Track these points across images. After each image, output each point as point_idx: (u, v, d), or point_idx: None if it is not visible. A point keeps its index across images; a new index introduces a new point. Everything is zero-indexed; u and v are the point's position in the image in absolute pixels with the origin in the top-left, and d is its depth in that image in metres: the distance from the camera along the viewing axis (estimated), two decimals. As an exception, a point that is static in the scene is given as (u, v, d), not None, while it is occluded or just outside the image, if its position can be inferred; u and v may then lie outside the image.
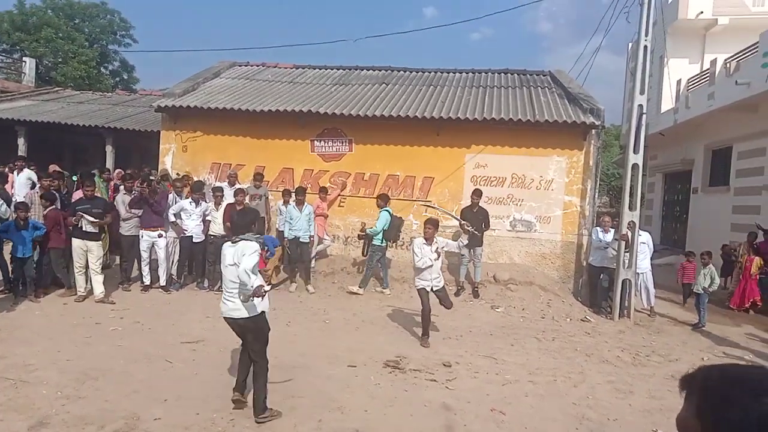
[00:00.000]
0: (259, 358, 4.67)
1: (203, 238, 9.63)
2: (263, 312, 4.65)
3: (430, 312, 7.29)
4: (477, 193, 10.13)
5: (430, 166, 11.00)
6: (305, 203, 9.99)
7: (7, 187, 9.47)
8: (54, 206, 8.34)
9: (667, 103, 17.19)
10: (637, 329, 8.83)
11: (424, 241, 7.27)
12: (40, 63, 24.70)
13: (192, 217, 9.46)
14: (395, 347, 6.96)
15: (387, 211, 9.86)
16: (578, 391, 5.81)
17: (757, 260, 10.22)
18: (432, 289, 7.31)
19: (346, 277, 10.46)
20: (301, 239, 9.87)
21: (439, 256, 7.26)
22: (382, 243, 9.88)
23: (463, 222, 8.16)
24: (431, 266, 7.17)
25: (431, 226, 7.29)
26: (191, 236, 9.48)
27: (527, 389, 5.78)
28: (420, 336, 7.35)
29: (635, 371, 6.63)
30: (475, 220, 9.38)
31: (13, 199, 9.07)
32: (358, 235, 10.24)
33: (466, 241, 7.98)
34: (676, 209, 18.26)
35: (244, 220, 4.83)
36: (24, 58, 21.50)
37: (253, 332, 4.66)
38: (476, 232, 8.73)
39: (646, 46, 9.49)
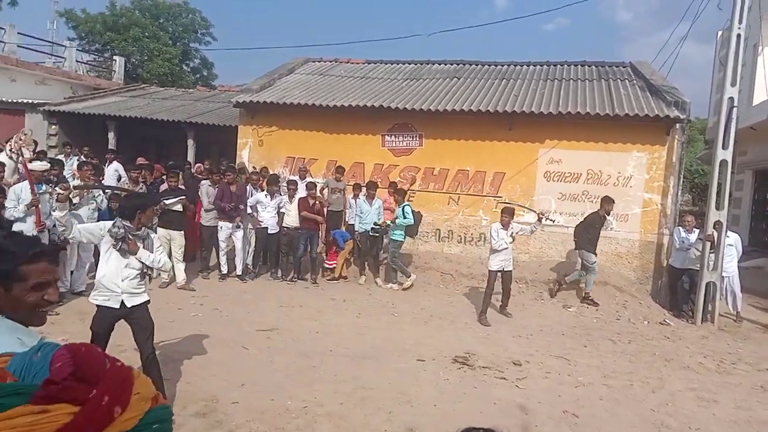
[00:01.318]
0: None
1: (278, 229, 9.92)
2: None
3: (492, 291, 8.23)
4: (608, 201, 9.53)
5: (502, 161, 10.81)
6: (375, 197, 10.10)
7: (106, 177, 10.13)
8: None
9: (761, 95, 16.01)
10: (722, 335, 8.34)
11: (501, 227, 8.15)
12: (128, 61, 26.18)
13: (267, 210, 9.77)
14: (464, 343, 6.93)
15: (408, 205, 9.77)
16: (657, 398, 5.57)
17: None
18: (504, 270, 8.26)
19: (414, 271, 10.48)
20: (370, 233, 10.00)
21: (513, 240, 8.27)
22: (403, 238, 9.80)
23: (538, 211, 8.68)
24: (506, 249, 8.14)
25: (507, 215, 8.21)
26: (266, 228, 9.79)
27: (602, 393, 5.60)
28: (486, 332, 7.28)
29: (720, 379, 6.28)
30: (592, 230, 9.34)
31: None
32: (372, 228, 10.11)
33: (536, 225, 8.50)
34: (767, 209, 17.04)
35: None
36: (114, 57, 22.84)
37: None
38: (551, 220, 8.93)
39: (739, 35, 8.89)
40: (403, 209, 9.60)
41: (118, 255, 4.35)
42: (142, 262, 4.44)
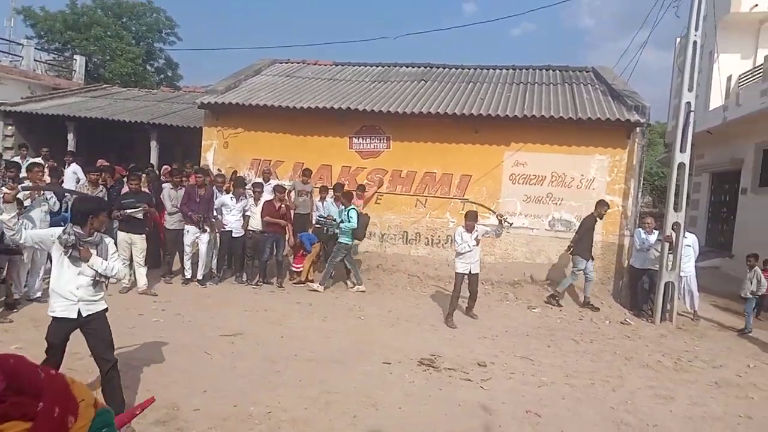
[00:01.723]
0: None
1: (242, 233, 9.80)
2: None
3: (459, 294, 8.27)
4: (602, 204, 9.71)
5: (468, 163, 10.91)
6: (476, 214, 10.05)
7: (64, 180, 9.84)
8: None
9: (716, 100, 16.57)
10: (680, 333, 8.58)
11: (465, 230, 8.21)
12: (89, 60, 25.54)
13: (232, 213, 9.64)
14: (430, 345, 6.96)
15: (354, 209, 9.74)
16: (617, 396, 5.69)
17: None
18: (470, 272, 8.29)
19: (381, 273, 10.50)
20: (315, 224, 9.98)
21: (478, 243, 8.22)
22: (350, 241, 9.77)
23: (499, 214, 8.77)
24: (471, 251, 8.15)
25: (471, 219, 8.22)
26: (230, 231, 9.65)
27: (564, 392, 5.69)
28: (451, 335, 7.32)
29: (677, 377, 6.45)
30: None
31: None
32: (317, 220, 10.14)
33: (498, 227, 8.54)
34: (723, 210, 17.59)
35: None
36: (74, 56, 22.24)
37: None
38: (508, 223, 8.87)
39: (695, 41, 9.18)
40: (348, 213, 9.56)
41: (69, 262, 4.17)
42: (95, 270, 4.25)
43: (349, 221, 9.48)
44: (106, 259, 4.30)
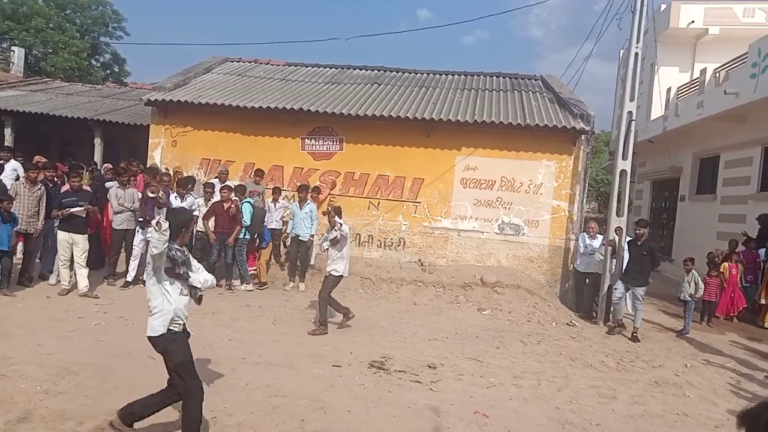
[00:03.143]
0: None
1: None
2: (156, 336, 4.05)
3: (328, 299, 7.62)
4: (641, 224, 9.31)
5: (421, 167, 11.00)
6: (307, 201, 9.97)
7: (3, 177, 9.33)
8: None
9: (657, 110, 17.34)
10: (622, 335, 8.87)
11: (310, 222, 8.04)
12: (29, 53, 24.46)
13: None
14: (380, 347, 6.95)
15: (248, 202, 9.74)
16: (562, 396, 5.83)
17: (740, 268, 10.34)
18: (329, 273, 7.65)
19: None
20: (300, 237, 9.85)
21: (333, 244, 7.50)
22: (246, 236, 9.73)
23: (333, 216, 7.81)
24: (326, 250, 7.68)
25: (336, 215, 7.64)
26: None
27: (511, 392, 5.79)
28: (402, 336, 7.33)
29: (619, 376, 6.67)
30: (637, 255, 8.80)
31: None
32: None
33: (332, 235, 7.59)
34: (663, 216, 18.40)
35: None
36: (13, 48, 21.22)
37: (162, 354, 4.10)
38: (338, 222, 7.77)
39: (637, 54, 9.55)
40: (242, 206, 9.55)
41: (174, 282, 3.97)
42: (194, 285, 4.07)
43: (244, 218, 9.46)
44: (194, 272, 4.09)
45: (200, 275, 4.15)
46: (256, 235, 9.96)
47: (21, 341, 5.94)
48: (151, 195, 8.91)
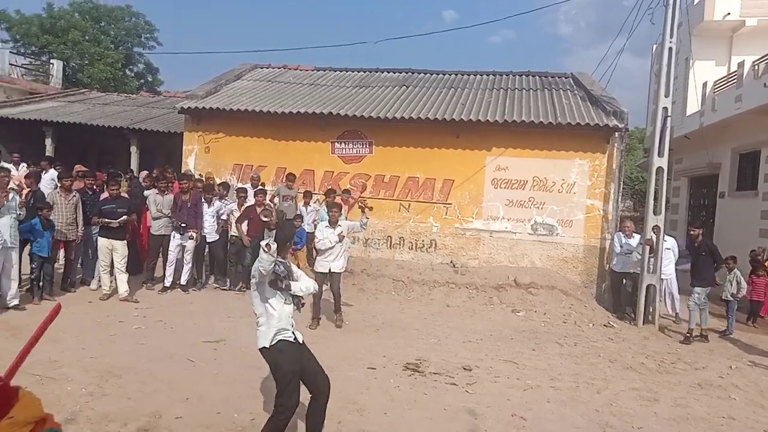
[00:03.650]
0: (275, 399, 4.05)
1: (217, 237, 9.68)
2: (264, 347, 4.00)
3: (321, 295, 7.63)
4: (695, 225, 9.14)
5: (450, 168, 10.96)
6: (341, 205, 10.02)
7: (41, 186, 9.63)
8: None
9: (693, 105, 16.89)
10: (662, 336, 8.67)
11: (327, 225, 7.67)
12: (67, 65, 25.20)
13: (204, 217, 9.51)
14: (415, 350, 6.93)
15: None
16: (601, 398, 5.72)
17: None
18: (329, 271, 7.69)
19: (365, 278, 10.46)
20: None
21: (341, 240, 7.61)
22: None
23: (365, 206, 7.93)
24: (332, 248, 7.58)
25: (337, 210, 7.79)
26: (204, 236, 9.53)
27: (549, 395, 5.71)
28: (437, 338, 7.31)
29: (660, 378, 6.51)
30: (696, 256, 8.61)
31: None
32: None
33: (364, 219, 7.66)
34: (702, 214, 17.91)
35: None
36: (51, 61, 21.91)
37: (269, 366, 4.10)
38: (369, 208, 8.02)
39: (671, 48, 9.34)
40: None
41: (278, 294, 3.98)
42: (296, 294, 4.11)
43: None
44: (296, 281, 4.15)
45: (301, 283, 4.18)
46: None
47: (66, 345, 6.11)
48: (264, 219, 9.22)
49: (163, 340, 6.63)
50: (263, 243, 3.85)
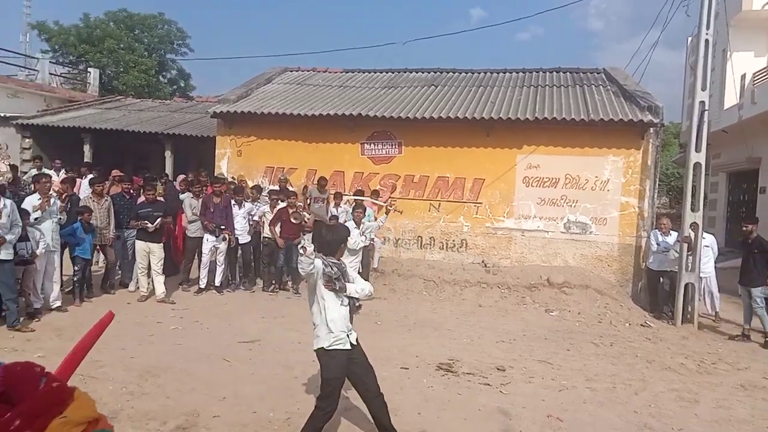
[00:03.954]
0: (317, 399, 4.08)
1: (249, 239, 9.81)
2: (322, 348, 4.00)
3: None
4: (749, 221, 8.68)
5: (481, 167, 10.88)
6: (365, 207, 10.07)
7: (76, 189, 9.92)
8: None
9: (731, 98, 16.39)
10: (702, 335, 8.45)
11: (354, 226, 7.86)
12: (103, 73, 25.87)
13: (236, 219, 9.64)
14: (447, 350, 6.91)
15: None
16: (639, 399, 5.60)
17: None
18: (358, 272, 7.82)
19: (396, 279, 10.46)
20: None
21: (366, 239, 8.03)
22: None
23: (389, 204, 8.66)
24: (359, 249, 7.93)
25: (361, 210, 8.29)
26: (237, 238, 9.66)
27: (585, 396, 5.62)
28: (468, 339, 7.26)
29: (700, 379, 6.34)
30: (748, 254, 8.29)
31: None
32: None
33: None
34: (741, 210, 17.38)
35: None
36: (89, 69, 22.54)
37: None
38: (395, 210, 8.63)
39: (707, 40, 9.09)
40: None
41: (333, 295, 3.99)
42: (352, 296, 4.11)
43: None
44: (351, 282, 4.15)
45: (357, 285, 4.17)
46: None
47: (107, 345, 6.26)
48: (294, 221, 9.39)
49: (200, 340, 6.76)
50: (299, 246, 3.88)
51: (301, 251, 3.80)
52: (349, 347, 4.03)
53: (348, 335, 4.05)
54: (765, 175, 15.27)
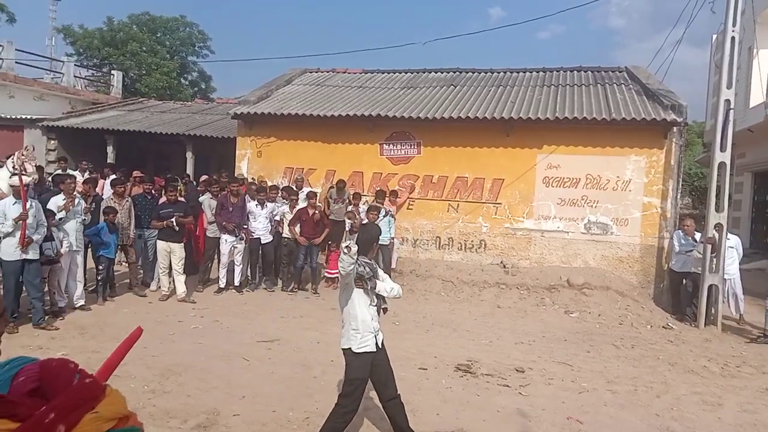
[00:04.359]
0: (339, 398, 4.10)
1: (271, 238, 9.87)
2: (349, 348, 4.02)
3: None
4: None
5: (500, 167, 10.82)
6: (383, 208, 10.09)
7: (98, 189, 10.09)
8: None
9: (757, 97, 16.06)
10: (726, 338, 8.30)
11: None
12: (126, 75, 26.29)
13: (258, 219, 9.72)
14: (466, 350, 6.89)
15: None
16: (661, 402, 5.53)
17: None
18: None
19: (415, 279, 10.46)
20: (381, 242, 10.00)
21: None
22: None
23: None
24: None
25: (375, 212, 8.78)
26: (259, 238, 9.74)
27: (606, 398, 5.56)
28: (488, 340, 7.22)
29: (724, 383, 6.23)
30: None
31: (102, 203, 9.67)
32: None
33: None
34: (767, 211, 17.03)
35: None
36: (112, 72, 22.93)
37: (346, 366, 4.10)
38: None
39: (733, 38, 8.92)
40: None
41: (362, 294, 4.01)
42: (382, 295, 4.14)
43: None
44: (381, 281, 4.16)
45: (386, 284, 4.19)
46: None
47: (102, 334, 6.38)
48: (348, 220, 9.68)
49: (220, 339, 6.83)
50: (344, 245, 3.89)
51: (345, 250, 3.82)
52: (375, 350, 4.04)
53: (375, 336, 4.06)
54: (792, 174, 14.94)
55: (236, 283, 9.57)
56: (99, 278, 8.27)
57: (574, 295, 9.64)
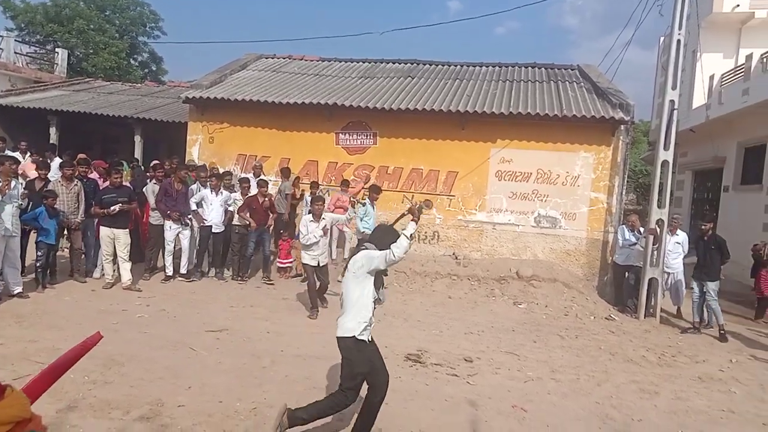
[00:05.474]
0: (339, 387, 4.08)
1: (223, 228, 9.67)
2: (353, 336, 4.00)
3: (315, 286, 7.81)
4: (706, 219, 9.10)
5: (455, 160, 10.93)
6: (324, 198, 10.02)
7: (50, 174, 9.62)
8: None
9: (699, 98, 16.77)
10: (663, 329, 8.68)
11: (312, 219, 7.76)
12: (71, 54, 25.17)
13: (212, 206, 9.50)
14: (416, 341, 6.96)
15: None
16: (602, 390, 5.74)
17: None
18: (318, 264, 7.85)
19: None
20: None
21: (325, 234, 7.86)
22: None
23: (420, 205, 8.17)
24: (317, 242, 7.70)
25: (321, 203, 7.95)
26: (210, 226, 9.52)
27: (550, 387, 5.73)
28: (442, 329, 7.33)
29: (661, 371, 6.52)
30: (705, 250, 8.60)
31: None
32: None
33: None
34: (705, 208, 17.84)
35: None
36: (56, 49, 21.90)
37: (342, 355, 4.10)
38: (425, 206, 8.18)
39: (679, 41, 9.27)
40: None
41: (372, 286, 4.00)
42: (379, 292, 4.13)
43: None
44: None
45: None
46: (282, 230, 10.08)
47: (69, 333, 6.15)
48: (426, 207, 9.18)
49: (166, 328, 6.66)
50: (407, 233, 3.94)
51: (409, 237, 3.95)
52: (369, 340, 4.06)
53: (370, 329, 4.07)
54: (729, 174, 15.69)
55: (183, 271, 9.32)
56: (38, 265, 7.92)
57: (523, 287, 9.87)
